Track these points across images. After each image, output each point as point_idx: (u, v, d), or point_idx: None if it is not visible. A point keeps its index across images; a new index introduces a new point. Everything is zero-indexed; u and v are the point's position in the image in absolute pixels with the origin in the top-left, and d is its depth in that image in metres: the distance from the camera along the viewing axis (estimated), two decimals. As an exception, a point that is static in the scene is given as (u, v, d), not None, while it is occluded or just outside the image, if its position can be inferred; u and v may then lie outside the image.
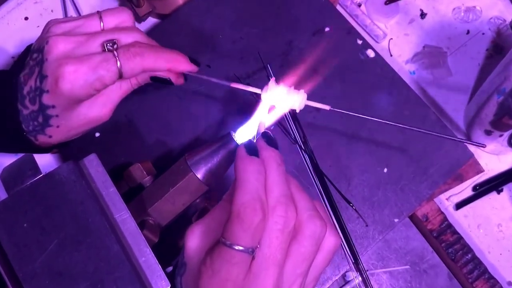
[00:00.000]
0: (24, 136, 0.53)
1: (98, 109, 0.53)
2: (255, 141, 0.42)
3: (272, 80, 0.48)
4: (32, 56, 0.51)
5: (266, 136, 0.42)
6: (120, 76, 0.49)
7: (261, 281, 0.37)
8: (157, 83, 0.54)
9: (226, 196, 0.42)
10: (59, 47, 0.49)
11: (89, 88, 0.49)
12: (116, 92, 0.54)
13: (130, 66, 0.49)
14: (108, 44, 0.49)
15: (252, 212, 0.36)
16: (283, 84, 0.48)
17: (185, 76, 0.55)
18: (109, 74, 0.48)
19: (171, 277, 0.41)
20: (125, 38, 0.51)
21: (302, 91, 0.48)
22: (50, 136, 0.53)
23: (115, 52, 0.49)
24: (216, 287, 0.37)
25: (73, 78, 0.48)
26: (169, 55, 0.52)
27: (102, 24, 0.51)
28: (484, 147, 0.49)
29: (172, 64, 0.52)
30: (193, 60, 0.54)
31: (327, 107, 0.49)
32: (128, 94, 0.55)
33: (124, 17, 0.53)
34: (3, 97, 0.52)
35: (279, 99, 0.48)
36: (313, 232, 0.39)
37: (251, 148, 0.40)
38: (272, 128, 0.64)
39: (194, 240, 0.41)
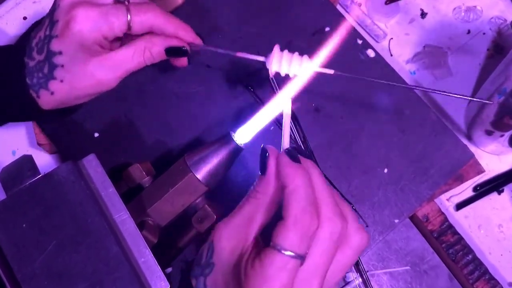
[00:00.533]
0: (27, 93, 0.53)
1: (106, 72, 0.52)
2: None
3: (276, 46, 0.48)
4: (45, 16, 0.53)
5: (297, 150, 0.42)
6: (129, 28, 0.51)
7: (308, 287, 0.37)
8: (171, 56, 0.54)
9: (255, 194, 0.41)
10: None
11: (97, 33, 0.50)
12: (128, 62, 0.53)
13: (141, 19, 0.51)
14: None
15: (309, 219, 0.36)
16: (287, 52, 0.48)
17: (189, 60, 0.57)
18: (118, 22, 0.50)
19: (170, 277, 0.41)
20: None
21: (305, 56, 0.48)
22: (52, 93, 0.53)
23: (126, 2, 0.51)
24: None
25: (84, 20, 0.49)
26: (179, 22, 0.53)
27: None
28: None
29: (180, 31, 0.53)
30: (198, 35, 0.55)
31: (330, 71, 0.50)
32: (138, 69, 0.55)
33: None
34: (10, 56, 0.53)
35: (284, 66, 0.48)
36: (359, 245, 0.40)
37: (294, 156, 0.40)
38: (271, 128, 0.64)
39: (224, 241, 0.40)
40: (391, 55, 0.73)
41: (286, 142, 0.44)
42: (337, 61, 0.67)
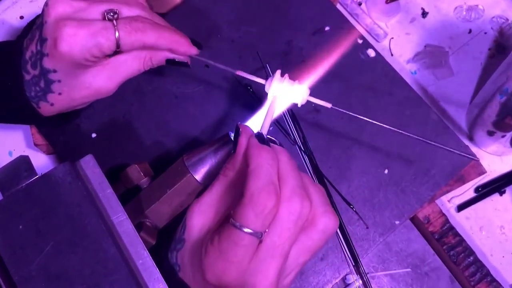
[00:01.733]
0: (27, 103, 0.53)
1: (103, 81, 0.53)
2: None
3: (278, 72, 0.49)
4: (36, 22, 0.52)
5: (271, 140, 0.43)
6: (118, 47, 0.50)
7: (265, 267, 0.38)
8: (171, 65, 0.54)
9: (224, 171, 0.42)
10: (58, 9, 0.49)
11: (87, 53, 0.49)
12: (127, 69, 0.54)
13: (131, 40, 0.50)
14: (109, 14, 0.50)
15: (266, 196, 0.37)
16: (288, 78, 0.48)
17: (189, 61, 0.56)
18: (107, 43, 0.49)
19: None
20: (128, 11, 0.51)
21: (305, 86, 0.49)
22: (52, 104, 0.53)
23: (114, 21, 0.49)
24: (221, 267, 0.38)
25: (72, 41, 0.48)
26: (171, 35, 0.52)
27: None
28: (477, 160, 0.50)
29: (174, 45, 0.52)
30: (195, 42, 0.54)
31: (328, 105, 0.50)
32: (137, 74, 0.55)
33: None
34: (8, 64, 0.53)
35: (282, 92, 0.48)
36: (326, 228, 0.40)
37: (262, 139, 0.41)
38: (271, 128, 0.64)
39: (195, 218, 0.41)
40: (392, 54, 0.73)
41: (264, 128, 0.45)
42: (337, 61, 0.67)
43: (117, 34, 0.49)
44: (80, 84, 0.52)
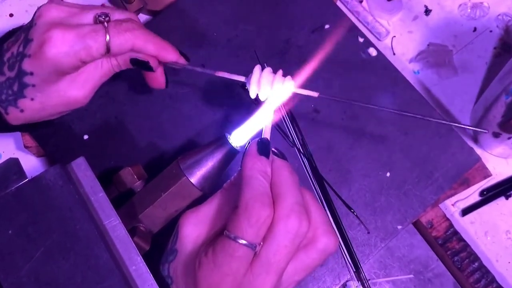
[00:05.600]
0: None
1: (77, 90, 0.53)
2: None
3: (257, 66, 0.49)
4: (23, 27, 0.52)
5: (273, 152, 0.44)
6: (108, 50, 0.50)
7: (260, 282, 0.38)
8: (137, 67, 0.54)
9: (227, 185, 0.43)
10: (51, 12, 0.50)
11: (74, 56, 0.49)
12: (96, 72, 0.54)
13: (120, 41, 0.50)
14: (100, 17, 0.51)
15: (260, 207, 0.38)
16: (269, 71, 0.49)
17: (167, 82, 0.57)
18: (96, 45, 0.49)
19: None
20: (119, 15, 0.52)
21: (288, 77, 0.49)
22: (22, 111, 0.53)
23: (105, 24, 0.50)
24: (216, 279, 0.38)
25: (60, 43, 0.48)
26: (160, 41, 0.53)
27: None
28: (486, 132, 0.48)
29: (161, 51, 0.53)
30: (183, 54, 0.55)
31: (315, 94, 0.50)
32: (109, 78, 0.55)
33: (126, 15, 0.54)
34: None
35: (265, 87, 0.48)
36: (326, 248, 0.41)
37: (263, 146, 0.42)
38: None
39: (189, 228, 0.42)
40: (394, 53, 0.73)
41: (266, 134, 0.46)
42: (337, 61, 0.68)
43: (107, 37, 0.49)
44: (54, 91, 0.52)
